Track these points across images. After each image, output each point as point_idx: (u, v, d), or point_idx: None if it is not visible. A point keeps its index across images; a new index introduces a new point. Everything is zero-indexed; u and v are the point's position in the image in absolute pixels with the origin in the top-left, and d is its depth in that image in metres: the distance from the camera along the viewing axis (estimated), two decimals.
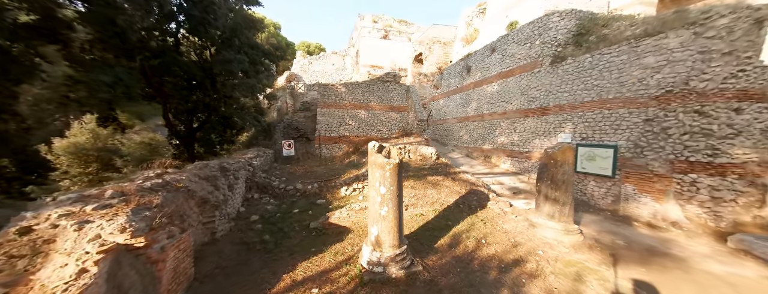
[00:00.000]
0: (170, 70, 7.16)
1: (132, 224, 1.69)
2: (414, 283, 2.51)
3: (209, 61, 7.63)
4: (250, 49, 8.40)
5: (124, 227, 1.65)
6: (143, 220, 1.79)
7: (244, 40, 8.01)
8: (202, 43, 7.73)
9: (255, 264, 2.79)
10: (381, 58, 19.72)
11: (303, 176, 6.30)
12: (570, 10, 6.24)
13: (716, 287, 2.57)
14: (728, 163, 3.85)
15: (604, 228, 4.06)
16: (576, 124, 5.50)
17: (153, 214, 1.93)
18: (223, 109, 8.22)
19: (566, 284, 2.60)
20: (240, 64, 7.52)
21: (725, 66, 3.94)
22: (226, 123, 9.01)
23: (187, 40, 7.99)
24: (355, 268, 2.73)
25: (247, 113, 9.17)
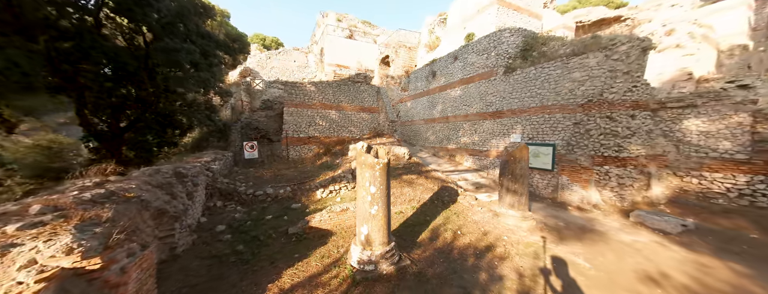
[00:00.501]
0: (90, 57, 5.81)
1: (81, 243, 1.37)
2: (404, 277, 2.63)
3: (143, 48, 6.44)
4: (201, 39, 7.44)
5: (71, 248, 1.33)
6: (95, 238, 1.47)
7: (193, 27, 7.04)
8: (133, 27, 6.46)
9: (232, 277, 2.52)
10: (347, 58, 19.49)
11: (272, 180, 5.84)
12: (517, 28, 7.27)
13: (626, 251, 3.35)
14: (628, 156, 5.03)
15: (548, 213, 4.85)
16: (524, 126, 6.44)
17: (106, 229, 1.59)
18: (162, 105, 7.04)
19: (528, 262, 3.06)
20: (189, 54, 6.59)
21: (625, 82, 5.15)
22: (168, 122, 7.72)
23: (113, 21, 6.59)
24: (345, 268, 2.71)
25: (196, 111, 8.01)
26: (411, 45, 16.14)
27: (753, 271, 2.79)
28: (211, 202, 4.32)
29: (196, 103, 8.72)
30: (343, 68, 19.08)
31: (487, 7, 10.55)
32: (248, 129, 10.17)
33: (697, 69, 8.41)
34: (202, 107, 8.63)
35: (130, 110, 7.16)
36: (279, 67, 21.20)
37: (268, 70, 20.96)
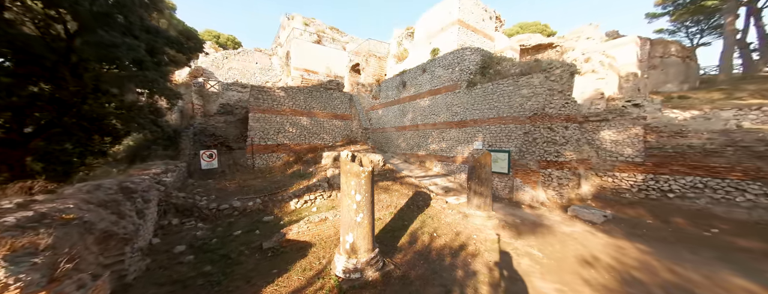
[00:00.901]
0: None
1: (19, 278, 1.12)
2: (389, 282, 2.71)
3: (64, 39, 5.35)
4: (147, 34, 6.57)
5: (6, 284, 1.08)
6: (36, 270, 1.21)
7: (136, 20, 6.17)
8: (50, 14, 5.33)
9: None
10: (315, 63, 19.11)
11: (237, 192, 5.34)
12: (476, 48, 8.21)
13: (567, 241, 4.03)
14: (564, 161, 6.06)
15: (507, 212, 5.50)
16: (485, 134, 7.22)
17: (48, 259, 1.32)
18: (88, 107, 5.92)
19: (495, 256, 3.44)
20: (131, 51, 5.74)
21: (560, 99, 6.24)
22: (96, 127, 6.46)
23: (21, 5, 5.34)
24: (330, 279, 2.66)
25: (138, 115, 6.86)
26: (381, 55, 16.69)
27: (652, 249, 3.65)
28: (164, 220, 3.76)
29: (137, 106, 7.50)
30: (311, 73, 18.61)
31: (449, 26, 11.65)
32: (203, 136, 9.14)
33: (607, 90, 10.63)
34: (146, 111, 7.46)
35: (40, 113, 5.79)
36: (238, 68, 19.58)
37: (224, 71, 19.19)
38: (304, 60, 18.70)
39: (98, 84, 6.01)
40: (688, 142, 4.97)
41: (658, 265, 3.20)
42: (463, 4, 11.39)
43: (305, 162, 7.62)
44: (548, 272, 3.07)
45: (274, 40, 26.09)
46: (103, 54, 5.45)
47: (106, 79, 6.09)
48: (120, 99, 6.74)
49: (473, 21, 11.99)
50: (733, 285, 2.75)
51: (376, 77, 15.53)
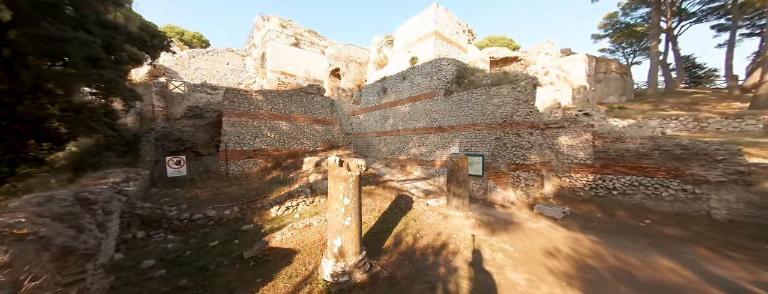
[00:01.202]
0: None
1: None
2: (377, 282, 2.79)
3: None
4: (103, 29, 5.99)
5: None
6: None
7: (91, 14, 5.61)
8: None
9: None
10: (293, 67, 18.69)
11: (211, 200, 5.01)
12: (452, 59, 8.81)
13: (534, 236, 4.48)
14: (530, 163, 6.72)
15: (482, 211, 5.92)
16: (461, 139, 7.71)
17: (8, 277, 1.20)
18: (23, 108, 5.18)
19: (474, 253, 3.71)
20: (84, 47, 5.19)
21: (525, 108, 6.95)
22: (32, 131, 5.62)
23: None
24: (318, 284, 2.67)
25: (89, 117, 6.09)
26: (361, 60, 16.91)
27: (601, 239, 4.23)
28: (128, 234, 3.41)
29: (88, 107, 6.66)
30: (288, 76, 18.14)
31: (426, 37, 12.28)
32: (167, 141, 8.39)
33: (563, 100, 12.01)
34: (99, 113, 6.65)
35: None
36: (207, 68, 18.33)
37: (191, 71, 17.87)
38: (281, 63, 18.18)
39: (38, 82, 5.29)
40: (626, 146, 5.87)
41: (606, 252, 3.73)
42: (439, 17, 12.13)
43: (285, 168, 7.39)
44: (519, 264, 3.41)
45: (247, 40, 24.98)
46: (49, 49, 4.86)
47: (49, 76, 5.39)
48: (66, 100, 5.96)
49: (449, 33, 12.81)
50: (661, 265, 3.32)
51: (357, 82, 15.66)
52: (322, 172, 6.10)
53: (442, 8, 12.23)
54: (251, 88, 19.18)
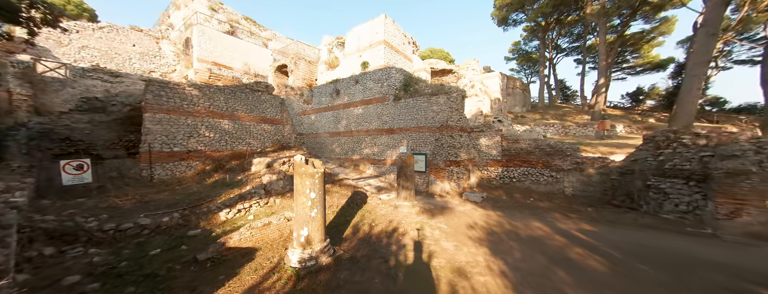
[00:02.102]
0: None
1: None
2: (340, 263, 3.27)
3: None
4: None
5: None
6: None
7: None
8: None
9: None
10: (229, 58, 16.60)
11: (138, 209, 4.34)
12: (400, 68, 9.86)
13: (461, 216, 5.77)
14: (460, 160, 8.30)
15: (425, 201, 7.04)
16: (408, 140, 8.80)
17: None
18: None
19: (418, 232, 4.60)
20: None
21: (456, 115, 8.53)
22: None
23: None
24: (287, 271, 2.96)
25: None
26: (311, 59, 16.48)
27: (503, 214, 5.83)
28: (31, 251, 2.78)
29: None
30: (223, 68, 16.02)
31: (376, 44, 13.15)
32: (48, 140, 6.50)
33: (484, 109, 14.88)
34: None
35: None
36: (102, 49, 14.37)
37: (73, 51, 13.77)
38: (212, 52, 15.87)
39: None
40: (520, 146, 8.06)
41: (505, 222, 5.24)
42: (388, 28, 13.18)
43: (229, 170, 6.83)
44: (450, 236, 4.47)
45: (161, 20, 20.71)
46: None
47: None
48: None
49: (396, 43, 14.02)
50: (534, 226, 4.95)
51: (307, 82, 15.23)
52: (277, 173, 6.03)
53: (389, 20, 13.32)
54: (170, 76, 16.03)
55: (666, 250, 3.65)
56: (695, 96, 9.86)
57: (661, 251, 3.61)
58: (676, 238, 4.05)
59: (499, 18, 22.99)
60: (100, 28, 14.30)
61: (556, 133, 15.23)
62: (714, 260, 3.30)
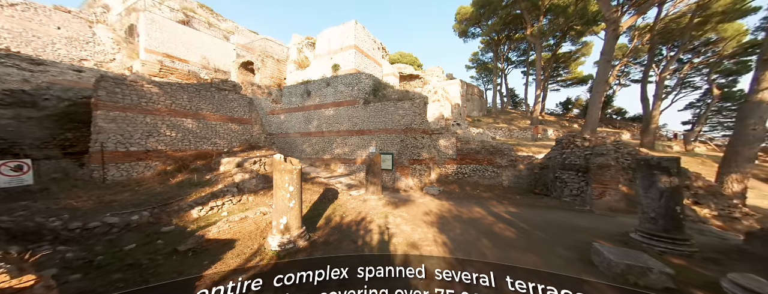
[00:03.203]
0: None
1: None
2: (316, 245, 3.87)
3: None
4: None
5: None
6: None
7: None
8: None
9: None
10: (185, 50, 15.34)
11: (98, 209, 4.23)
12: (370, 74, 10.60)
13: (421, 206, 6.76)
14: (422, 159, 9.41)
15: (390, 195, 7.91)
16: (377, 141, 9.59)
17: None
18: None
19: (383, 220, 5.39)
20: None
21: (420, 119, 9.63)
22: None
23: None
24: (267, 253, 3.46)
25: None
26: (279, 57, 16.15)
27: (454, 203, 7.00)
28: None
29: None
30: (177, 62, 14.75)
31: (347, 48, 13.69)
32: None
33: (445, 113, 16.52)
34: None
35: None
36: (16, 30, 11.97)
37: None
38: (164, 42, 14.49)
39: None
40: (471, 146, 9.51)
41: (454, 209, 6.39)
42: (358, 33, 13.81)
43: (195, 170, 6.71)
44: (409, 221, 5.37)
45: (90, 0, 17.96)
46: None
47: None
48: None
49: (366, 48, 14.73)
50: (475, 211, 6.17)
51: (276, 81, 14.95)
52: (250, 172, 6.22)
53: (360, 26, 13.99)
54: (108, 67, 14.12)
55: (558, 222, 5.10)
56: (598, 108, 12.69)
57: (555, 223, 5.03)
58: (567, 214, 5.61)
59: (459, 30, 25.42)
60: (12, 6, 11.90)
61: (503, 136, 17.75)
62: (584, 226, 4.80)
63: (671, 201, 3.45)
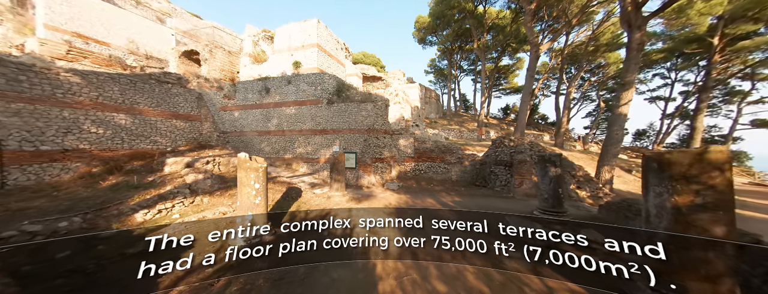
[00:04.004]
0: None
1: None
2: (281, 237, 4.11)
3: None
4: None
5: None
6: None
7: None
8: None
9: None
10: (106, 31, 12.85)
11: (10, 218, 3.59)
12: (333, 75, 10.81)
13: (382, 200, 7.42)
14: (383, 157, 10.13)
15: (354, 192, 8.37)
16: (341, 140, 9.91)
17: None
18: None
19: (347, 213, 5.84)
20: None
21: (381, 120, 10.30)
22: None
23: None
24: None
25: None
26: (231, 49, 14.84)
27: (411, 196, 7.88)
28: None
29: None
30: (94, 44, 12.28)
31: (309, 46, 13.51)
32: None
33: (405, 115, 17.68)
34: None
35: None
36: None
37: None
38: (74, 19, 11.88)
39: None
40: (426, 146, 10.66)
41: (410, 200, 7.25)
42: (321, 32, 13.77)
43: (131, 172, 5.98)
44: (370, 214, 5.96)
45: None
46: None
47: None
48: None
49: (329, 48, 14.76)
50: (427, 201, 7.14)
51: (228, 74, 13.73)
52: (203, 172, 5.88)
53: (322, 25, 13.98)
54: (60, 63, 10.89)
55: (488, 206, 6.37)
56: (526, 114, 15.45)
57: (486, 207, 6.28)
58: (496, 200, 7.00)
59: (418, 37, 27.22)
60: None
61: (455, 136, 19.94)
62: (505, 207, 6.13)
63: (556, 185, 4.84)
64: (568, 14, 15.08)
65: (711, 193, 1.90)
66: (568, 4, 14.41)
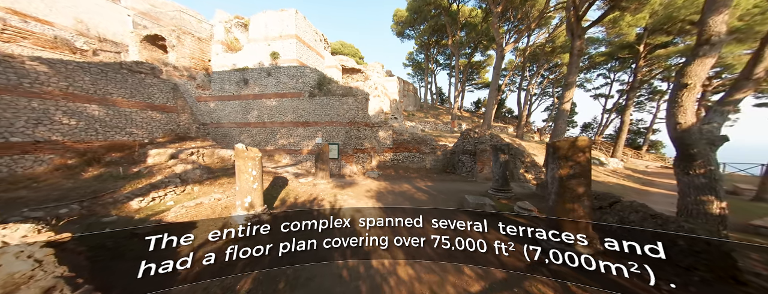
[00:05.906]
0: None
1: None
2: (276, 218, 4.72)
3: None
4: None
5: None
6: None
7: None
8: None
9: None
10: (48, 8, 11.33)
11: (2, 205, 3.70)
12: (314, 68, 11.04)
13: (363, 187, 8.22)
14: (364, 148, 10.84)
15: (337, 180, 9.04)
16: (323, 132, 10.37)
17: None
18: None
19: (332, 198, 6.55)
20: None
21: (362, 113, 10.91)
22: None
23: None
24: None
25: None
26: (201, 36, 13.97)
27: (389, 183, 8.79)
28: None
29: None
30: (33, 22, 10.83)
31: (288, 37, 13.31)
32: None
33: (384, 108, 18.41)
34: None
35: None
36: None
37: None
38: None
39: None
40: (403, 137, 11.59)
41: (389, 186, 8.16)
42: (299, 23, 13.59)
43: (111, 163, 5.96)
44: (354, 198, 6.74)
45: None
46: None
47: None
48: None
49: (308, 39, 14.63)
50: (404, 186, 8.11)
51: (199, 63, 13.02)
52: (191, 163, 6.10)
53: (301, 16, 13.81)
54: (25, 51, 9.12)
55: (455, 188, 7.53)
56: (493, 108, 17.11)
57: (453, 189, 7.43)
58: (462, 184, 8.22)
59: (396, 31, 27.56)
60: None
61: (431, 128, 21.27)
62: (468, 189, 7.33)
63: (505, 169, 6.04)
64: (530, 17, 16.70)
65: (578, 167, 2.98)
66: (530, 8, 15.95)
